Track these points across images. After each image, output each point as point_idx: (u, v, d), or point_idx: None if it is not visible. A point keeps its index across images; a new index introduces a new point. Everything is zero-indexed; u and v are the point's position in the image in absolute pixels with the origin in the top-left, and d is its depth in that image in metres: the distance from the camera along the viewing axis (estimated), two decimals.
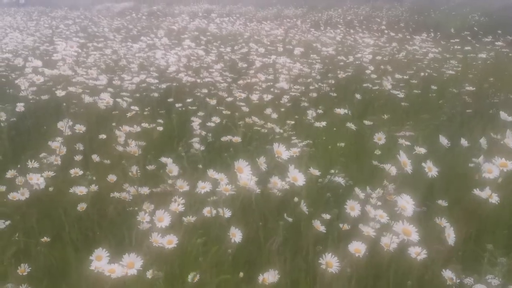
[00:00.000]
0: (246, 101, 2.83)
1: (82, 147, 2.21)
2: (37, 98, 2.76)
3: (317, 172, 1.72)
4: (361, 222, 1.37)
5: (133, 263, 1.21)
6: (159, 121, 2.58)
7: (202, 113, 2.66)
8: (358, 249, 1.13)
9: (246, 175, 1.31)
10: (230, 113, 2.70)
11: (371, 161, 1.91)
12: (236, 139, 2.04)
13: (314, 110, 2.69)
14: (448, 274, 1.15)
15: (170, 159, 1.80)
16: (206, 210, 1.41)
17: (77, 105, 2.66)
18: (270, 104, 2.80)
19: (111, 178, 1.91)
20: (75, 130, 2.14)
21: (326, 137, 2.25)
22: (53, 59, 3.44)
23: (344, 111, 2.15)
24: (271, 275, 1.19)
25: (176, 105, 2.90)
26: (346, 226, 1.47)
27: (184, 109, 2.88)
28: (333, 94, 3.11)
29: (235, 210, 1.39)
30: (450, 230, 1.14)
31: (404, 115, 2.81)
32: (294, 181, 1.36)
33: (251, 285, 1.20)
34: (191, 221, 1.51)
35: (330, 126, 2.28)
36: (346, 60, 4.17)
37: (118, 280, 1.21)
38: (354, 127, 2.00)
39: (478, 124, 2.33)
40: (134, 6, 15.32)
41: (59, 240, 1.81)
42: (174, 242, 1.25)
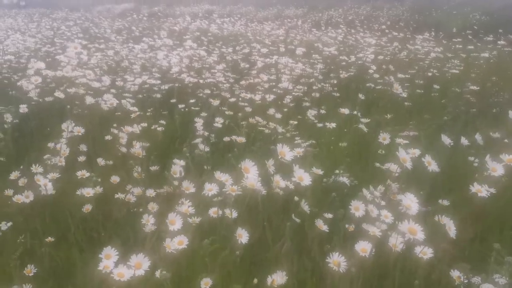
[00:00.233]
0: (249, 101, 2.82)
1: (86, 148, 2.22)
2: (40, 100, 2.76)
3: (320, 172, 1.72)
4: (366, 222, 1.36)
5: (140, 264, 1.21)
6: (162, 122, 2.59)
7: (205, 113, 2.66)
8: (365, 248, 1.13)
9: (252, 175, 1.31)
10: (233, 113, 2.70)
11: (375, 161, 1.91)
12: (240, 140, 2.04)
13: (317, 110, 2.69)
14: (455, 273, 1.14)
15: (183, 161, 1.80)
16: (212, 211, 1.41)
17: (80, 106, 2.67)
18: (273, 104, 2.80)
19: (115, 179, 1.91)
20: (74, 132, 2.14)
21: (330, 137, 2.25)
22: (56, 61, 3.45)
23: (348, 111, 2.15)
24: (279, 276, 1.19)
25: (179, 106, 2.90)
26: (352, 227, 1.47)
27: (187, 110, 2.88)
28: (336, 94, 3.10)
29: (241, 211, 1.38)
30: (450, 223, 1.14)
31: (407, 115, 2.81)
32: (300, 180, 1.36)
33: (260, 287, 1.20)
34: (196, 222, 1.51)
35: (335, 126, 2.27)
36: (348, 60, 4.16)
37: (125, 281, 1.21)
38: (365, 129, 2.00)
39: (482, 123, 2.33)
40: (135, 7, 15.33)
41: (64, 241, 1.82)
42: (184, 243, 1.25)
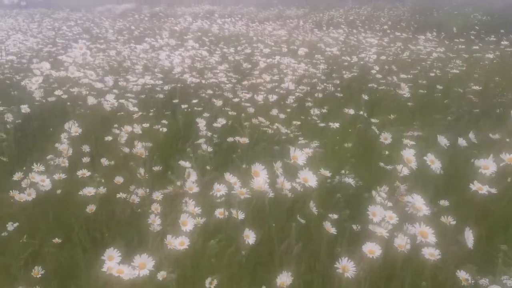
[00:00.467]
0: (252, 101, 2.82)
1: (89, 149, 2.21)
2: (43, 100, 2.76)
3: (327, 173, 1.72)
4: (372, 223, 1.36)
5: (144, 264, 1.20)
6: (164, 122, 2.58)
7: (207, 114, 2.66)
8: (372, 250, 1.12)
9: (262, 179, 1.31)
10: (236, 114, 2.70)
11: (380, 161, 1.90)
12: (243, 140, 2.03)
13: (320, 111, 2.68)
14: (462, 274, 1.14)
15: (188, 163, 1.79)
16: (219, 212, 1.40)
17: (82, 106, 2.66)
18: (276, 104, 2.79)
19: (118, 180, 1.91)
20: (72, 134, 2.13)
21: (334, 137, 2.25)
22: (58, 61, 3.45)
23: (353, 111, 2.14)
24: (285, 277, 1.18)
25: (181, 106, 2.89)
26: (358, 227, 1.47)
27: (189, 110, 2.87)
28: (339, 95, 3.10)
29: (248, 212, 1.38)
30: (469, 233, 1.13)
31: (410, 115, 2.81)
32: (305, 182, 1.35)
33: None
34: (200, 222, 1.50)
35: (339, 126, 2.27)
36: (350, 60, 4.16)
37: (129, 281, 1.20)
38: (377, 131, 1.99)
39: (485, 123, 2.33)
40: (136, 8, 15.32)
41: (68, 241, 1.81)
42: (186, 244, 1.24)
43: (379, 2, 15.09)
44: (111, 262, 1.21)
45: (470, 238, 1.13)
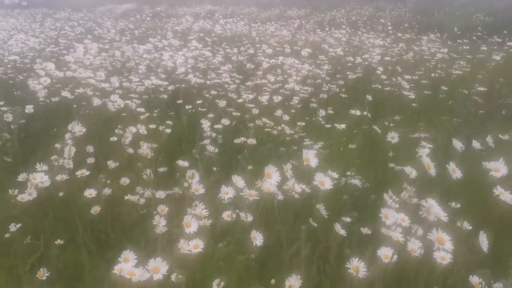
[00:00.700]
0: (256, 102, 2.81)
1: (93, 149, 2.20)
2: (47, 100, 2.75)
3: (335, 174, 1.70)
4: (383, 226, 1.34)
5: (158, 268, 1.19)
6: (169, 122, 2.57)
7: (212, 114, 2.64)
8: (387, 255, 1.11)
9: (275, 181, 1.29)
10: (240, 114, 2.68)
11: (387, 163, 1.89)
12: (251, 141, 2.02)
13: (325, 111, 2.67)
14: (475, 279, 1.12)
15: (188, 163, 1.78)
16: (226, 214, 1.39)
17: (86, 107, 2.65)
18: (280, 105, 2.78)
19: (124, 181, 1.90)
20: (76, 133, 2.11)
21: (339, 138, 2.23)
22: (62, 61, 3.44)
23: (359, 112, 2.13)
24: (294, 280, 1.17)
25: (185, 106, 2.88)
26: (366, 230, 1.46)
27: (193, 110, 2.86)
28: (343, 95, 3.08)
29: (256, 214, 1.36)
30: (484, 237, 1.12)
31: (415, 116, 2.79)
32: (322, 185, 1.33)
33: None
34: (207, 224, 1.49)
35: (345, 127, 2.25)
36: (354, 61, 4.15)
37: (137, 284, 1.19)
38: (379, 130, 1.98)
39: (492, 125, 2.31)
40: (137, 8, 15.33)
41: (73, 242, 1.80)
42: (200, 247, 1.23)
43: (381, 2, 15.08)
44: (127, 264, 1.19)
45: (484, 241, 1.11)
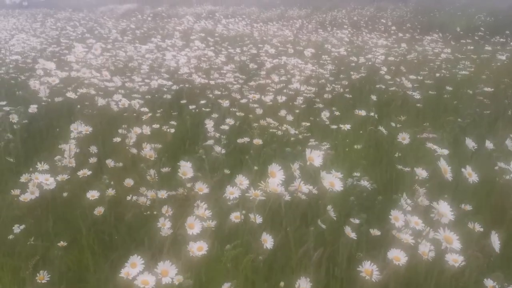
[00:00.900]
0: (259, 102, 2.79)
1: (96, 150, 2.18)
2: (49, 100, 2.73)
3: (340, 175, 1.68)
4: (394, 228, 1.32)
5: (167, 271, 1.16)
6: (173, 123, 2.55)
7: (215, 115, 2.63)
8: (398, 257, 1.09)
9: (279, 180, 1.27)
10: (244, 114, 2.67)
11: (394, 164, 1.87)
12: (257, 142, 2.00)
13: (329, 112, 2.65)
14: (489, 282, 1.10)
15: (189, 163, 1.76)
16: (234, 216, 1.37)
17: (89, 107, 2.63)
18: (284, 105, 2.76)
19: (128, 182, 1.88)
20: (82, 132, 2.10)
21: (345, 139, 2.21)
22: (63, 61, 3.42)
23: (364, 113, 2.11)
24: (303, 283, 1.15)
25: (189, 107, 2.86)
26: (375, 232, 1.44)
27: (197, 110, 2.84)
28: (348, 96, 3.06)
29: (264, 215, 1.34)
30: (495, 237, 1.10)
31: (420, 116, 2.77)
32: (332, 186, 1.31)
33: None
34: (211, 225, 1.47)
35: (350, 128, 2.23)
36: (357, 61, 4.13)
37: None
38: (385, 131, 1.96)
39: (499, 125, 2.29)
40: (137, 8, 15.32)
41: (76, 244, 1.78)
42: (204, 249, 1.21)
43: (382, 2, 15.07)
44: (134, 269, 1.17)
45: (496, 242, 1.10)
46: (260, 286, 1.24)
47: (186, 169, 1.68)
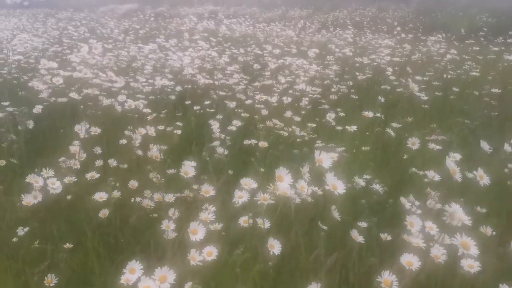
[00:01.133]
0: (265, 103, 2.76)
1: (100, 151, 2.15)
2: (51, 100, 2.70)
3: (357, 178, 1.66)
4: (405, 232, 1.30)
5: (165, 277, 1.13)
6: (178, 123, 2.52)
7: (220, 116, 2.60)
8: (410, 262, 1.06)
9: (287, 184, 1.24)
10: (249, 115, 2.64)
11: (403, 166, 1.84)
12: (262, 144, 1.97)
13: (336, 113, 2.62)
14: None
15: (193, 162, 1.73)
16: (243, 220, 1.34)
17: (92, 107, 2.61)
18: (289, 106, 2.74)
19: (133, 184, 1.85)
20: (91, 133, 2.08)
21: (353, 140, 2.19)
22: (66, 61, 3.40)
23: (372, 114, 2.08)
24: None
25: (194, 107, 2.84)
26: (386, 236, 1.41)
27: (201, 111, 2.82)
28: (354, 97, 3.04)
29: (273, 220, 1.32)
30: None
31: (427, 118, 2.75)
32: (334, 189, 1.28)
33: None
34: (217, 228, 1.45)
35: (356, 129, 2.21)
36: (362, 61, 4.10)
37: None
38: (392, 133, 1.93)
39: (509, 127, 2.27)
40: (138, 8, 15.30)
41: (80, 246, 1.76)
42: (214, 254, 1.18)
43: (383, 3, 15.05)
44: (133, 275, 1.14)
45: None
46: None
47: (188, 168, 1.66)
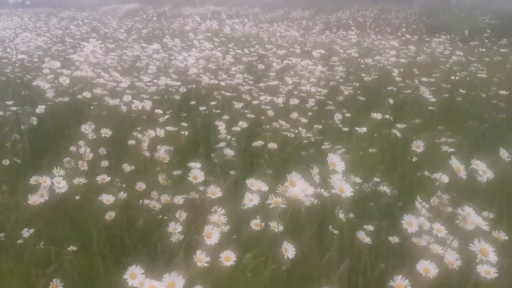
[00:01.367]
0: (271, 104, 2.74)
1: (106, 152, 2.13)
2: (56, 100, 2.69)
3: (359, 180, 1.64)
4: (416, 235, 1.28)
5: (174, 283, 1.10)
6: (184, 124, 2.50)
7: (226, 116, 2.58)
8: (427, 269, 1.04)
9: (299, 189, 1.22)
10: (255, 116, 2.62)
11: (412, 168, 1.82)
12: (271, 145, 1.95)
13: (342, 114, 2.60)
14: None
15: (198, 163, 1.70)
16: (254, 223, 1.32)
17: (97, 107, 2.59)
18: (296, 107, 2.72)
19: (140, 185, 1.83)
20: (101, 134, 2.06)
21: (360, 142, 2.17)
22: (69, 61, 3.38)
23: (380, 116, 2.06)
24: None
25: (199, 108, 2.82)
26: (394, 239, 1.39)
27: (207, 112, 2.80)
28: (361, 98, 3.01)
29: (284, 223, 1.30)
30: None
31: (434, 120, 2.72)
32: (341, 192, 1.26)
33: None
34: (225, 230, 1.43)
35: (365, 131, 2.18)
36: (368, 62, 4.08)
37: None
38: (399, 134, 1.91)
39: None
40: (140, 8, 15.30)
41: (87, 248, 1.74)
42: (232, 259, 1.16)
43: (386, 4, 15.03)
44: (134, 280, 1.11)
45: None
46: None
47: (197, 172, 1.63)
